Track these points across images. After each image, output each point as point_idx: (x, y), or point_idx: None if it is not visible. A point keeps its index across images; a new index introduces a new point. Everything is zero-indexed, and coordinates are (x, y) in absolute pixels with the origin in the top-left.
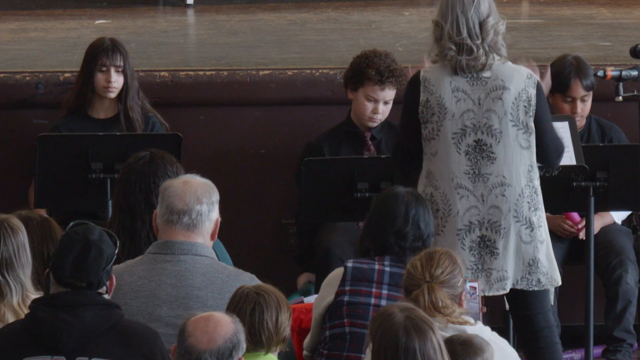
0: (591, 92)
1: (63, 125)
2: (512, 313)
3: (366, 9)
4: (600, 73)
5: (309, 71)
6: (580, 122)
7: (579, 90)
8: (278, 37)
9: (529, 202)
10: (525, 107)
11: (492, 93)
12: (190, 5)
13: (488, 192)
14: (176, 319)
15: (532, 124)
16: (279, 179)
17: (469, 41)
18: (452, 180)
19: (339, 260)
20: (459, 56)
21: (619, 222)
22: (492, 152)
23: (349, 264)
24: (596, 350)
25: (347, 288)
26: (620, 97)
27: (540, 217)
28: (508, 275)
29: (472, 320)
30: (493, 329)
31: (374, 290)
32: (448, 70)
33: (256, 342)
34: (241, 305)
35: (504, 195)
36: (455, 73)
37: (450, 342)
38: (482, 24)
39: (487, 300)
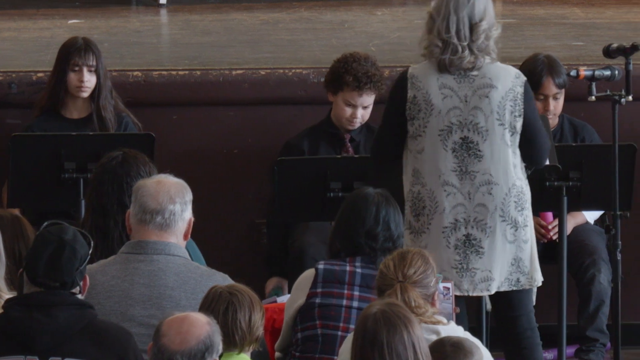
0: (563, 90)
1: (36, 125)
2: (495, 314)
3: (339, 8)
4: (573, 73)
5: (282, 71)
6: (553, 121)
7: (551, 87)
8: (251, 37)
9: (515, 202)
10: (512, 106)
11: (479, 91)
12: (163, 5)
13: (475, 190)
14: (149, 318)
15: (518, 124)
16: (252, 179)
17: (455, 40)
18: (439, 177)
19: (313, 260)
20: (443, 54)
21: (592, 222)
22: (479, 150)
23: (320, 266)
24: (569, 350)
25: (319, 290)
26: (593, 97)
27: (527, 217)
28: (493, 276)
29: (445, 320)
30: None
31: (345, 291)
32: (435, 67)
33: (229, 341)
34: (214, 305)
35: (490, 194)
36: (441, 70)
37: (441, 343)
38: (473, 26)
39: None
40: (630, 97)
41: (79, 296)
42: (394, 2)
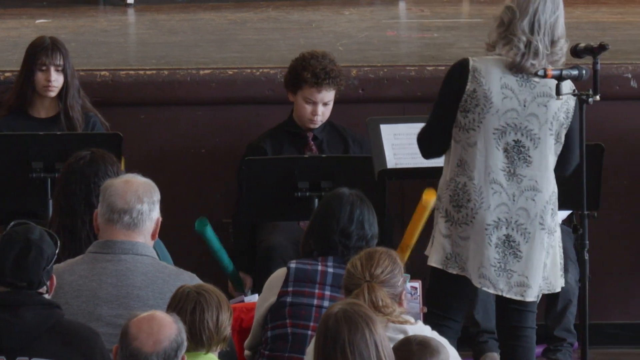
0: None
1: (4, 124)
2: (499, 304)
3: (306, 8)
4: (540, 72)
5: (249, 70)
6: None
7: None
8: (218, 37)
9: (552, 208)
10: (564, 118)
11: (538, 99)
12: (130, 4)
13: (520, 193)
14: (117, 318)
15: (562, 135)
16: (220, 178)
17: (540, 44)
18: (488, 174)
19: (280, 260)
20: (524, 54)
21: (559, 221)
22: (529, 156)
23: (292, 265)
24: (537, 350)
25: (290, 289)
26: (561, 97)
27: (557, 223)
28: (529, 283)
29: (412, 320)
30: None
31: (316, 291)
32: (501, 64)
33: (197, 341)
34: (182, 304)
35: (533, 200)
36: (510, 70)
37: (407, 342)
38: (554, 41)
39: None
40: (597, 97)
41: (46, 296)
42: (362, 1)
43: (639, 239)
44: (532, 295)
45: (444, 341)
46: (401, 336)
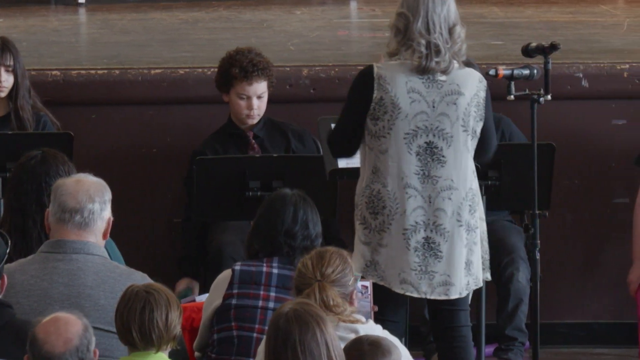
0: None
1: None
2: (431, 306)
3: (258, 7)
4: (491, 72)
5: (200, 70)
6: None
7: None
8: (170, 36)
9: (470, 205)
10: (475, 112)
11: (447, 97)
12: (82, 4)
13: (436, 194)
14: None
15: (478, 129)
16: (171, 178)
17: (439, 42)
18: (402, 179)
19: (231, 259)
20: (427, 56)
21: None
22: (443, 156)
23: (237, 267)
24: (488, 349)
25: (235, 291)
26: (512, 96)
27: (477, 219)
28: (452, 281)
29: (363, 319)
30: None
31: (261, 292)
32: (405, 68)
33: (147, 340)
34: (131, 304)
35: (450, 199)
36: (415, 73)
37: (359, 342)
38: (450, 30)
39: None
40: (549, 97)
41: None
42: (313, 1)
43: (590, 238)
44: (456, 293)
45: (395, 341)
46: (352, 335)
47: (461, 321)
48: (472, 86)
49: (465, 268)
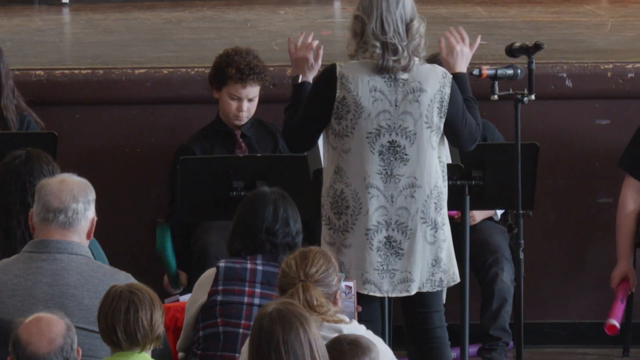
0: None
1: None
2: (405, 310)
3: (242, 7)
4: (475, 72)
5: (184, 70)
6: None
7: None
8: (153, 36)
9: (435, 203)
10: (439, 107)
11: (409, 95)
12: (66, 4)
13: (398, 193)
14: None
15: (442, 125)
16: (154, 178)
17: (395, 41)
18: (364, 179)
19: (215, 259)
20: (384, 56)
21: (499, 216)
22: (406, 154)
23: (221, 264)
24: (472, 349)
25: (220, 288)
26: (496, 96)
27: (444, 216)
28: (413, 277)
29: (347, 319)
30: None
31: (247, 289)
32: (366, 68)
33: (132, 340)
34: (115, 304)
35: (413, 197)
36: (376, 72)
37: (338, 342)
38: (407, 27)
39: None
40: (532, 96)
41: None
42: (297, 1)
43: (574, 238)
44: (415, 288)
45: (377, 340)
46: (336, 335)
47: (435, 322)
48: (434, 82)
49: (435, 265)
